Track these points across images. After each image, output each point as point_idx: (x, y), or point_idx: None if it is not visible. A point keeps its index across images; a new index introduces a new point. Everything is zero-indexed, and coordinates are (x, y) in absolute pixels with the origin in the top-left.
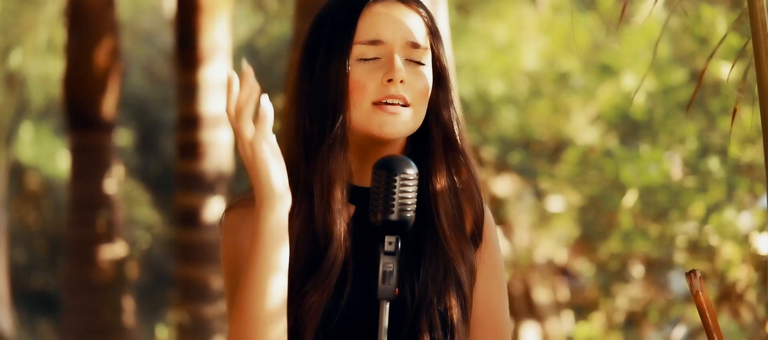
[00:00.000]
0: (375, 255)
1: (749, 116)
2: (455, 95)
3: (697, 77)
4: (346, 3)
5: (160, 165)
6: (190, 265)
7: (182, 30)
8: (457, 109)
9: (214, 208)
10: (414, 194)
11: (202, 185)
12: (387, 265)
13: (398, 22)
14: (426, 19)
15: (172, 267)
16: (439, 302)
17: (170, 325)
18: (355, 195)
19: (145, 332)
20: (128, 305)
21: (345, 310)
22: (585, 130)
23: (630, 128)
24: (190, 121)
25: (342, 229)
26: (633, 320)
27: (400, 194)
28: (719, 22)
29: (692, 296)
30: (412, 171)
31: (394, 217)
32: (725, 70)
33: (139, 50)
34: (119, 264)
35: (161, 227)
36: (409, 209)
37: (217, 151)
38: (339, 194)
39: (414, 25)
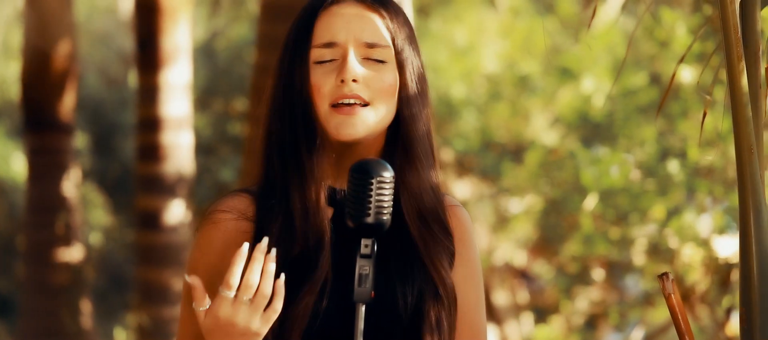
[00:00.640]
0: (352, 259)
1: (709, 120)
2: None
3: (657, 80)
4: (307, 7)
5: (115, 168)
6: (151, 267)
7: (142, 32)
8: (429, 112)
9: (174, 210)
10: (390, 197)
11: (163, 188)
12: (363, 268)
13: (353, 22)
14: (386, 18)
15: (131, 270)
16: (428, 307)
17: (128, 328)
18: (334, 198)
19: (102, 335)
20: (86, 307)
21: (325, 314)
22: (545, 133)
23: (590, 131)
24: (150, 124)
25: (326, 231)
26: (592, 323)
27: (376, 197)
28: (679, 26)
29: (664, 298)
30: (388, 174)
31: (370, 220)
32: (685, 75)
33: (94, 53)
34: (76, 267)
35: (116, 230)
36: (385, 211)
37: (178, 153)
38: (321, 196)
39: (371, 24)
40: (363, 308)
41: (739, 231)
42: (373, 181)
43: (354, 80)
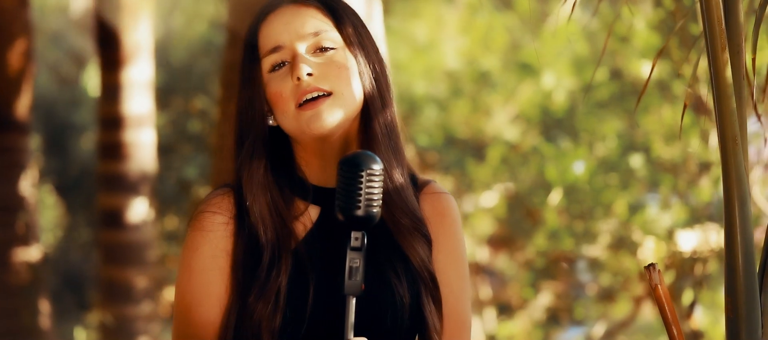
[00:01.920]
0: (341, 255)
1: (670, 114)
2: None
3: (618, 75)
4: (250, 27)
5: (70, 168)
6: (114, 266)
7: (103, 30)
8: (391, 101)
9: (137, 208)
10: (380, 189)
11: (125, 186)
12: (353, 261)
13: (291, 21)
14: (321, 7)
15: (88, 270)
16: (406, 298)
17: (89, 327)
18: (318, 196)
19: (61, 335)
20: (44, 307)
21: (313, 308)
22: (506, 129)
23: (550, 127)
24: (112, 122)
25: (271, 235)
26: (556, 318)
27: (366, 190)
28: (638, 21)
29: (651, 289)
30: (377, 166)
31: (360, 212)
32: (645, 69)
33: (46, 52)
34: (35, 267)
35: (72, 229)
36: (375, 204)
37: (140, 151)
38: (274, 202)
39: (307, 17)
40: (354, 301)
41: (725, 221)
42: (363, 173)
43: (309, 74)
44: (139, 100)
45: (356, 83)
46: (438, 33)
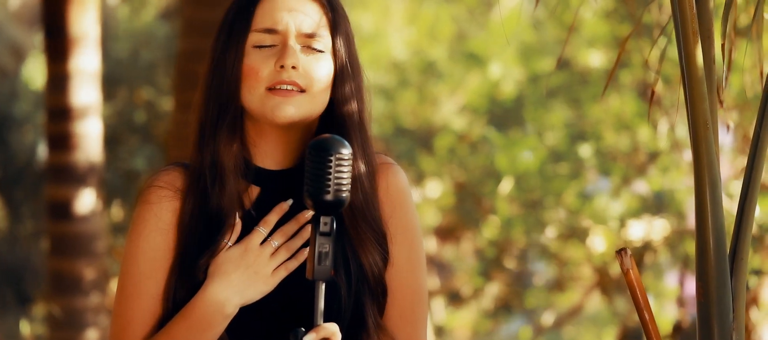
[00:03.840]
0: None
1: (618, 104)
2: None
3: (565, 65)
4: None
5: (13, 161)
6: (62, 257)
7: (49, 20)
8: (364, 98)
9: (85, 199)
10: (349, 174)
11: (73, 177)
12: (322, 246)
13: (294, 10)
14: (326, 9)
15: (30, 263)
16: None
17: (34, 320)
18: (260, 177)
19: (4, 329)
20: None
21: (266, 295)
22: (454, 119)
23: (498, 116)
24: (59, 113)
25: (234, 216)
26: (507, 307)
27: (335, 174)
28: (584, 10)
29: (623, 274)
30: (346, 151)
31: (329, 197)
32: (594, 59)
33: None
34: None
35: (15, 222)
36: (344, 189)
37: (87, 142)
38: (231, 181)
39: (310, 13)
40: (323, 286)
41: (696, 206)
42: (332, 158)
43: (293, 67)
44: (85, 90)
45: (329, 90)
46: (384, 23)
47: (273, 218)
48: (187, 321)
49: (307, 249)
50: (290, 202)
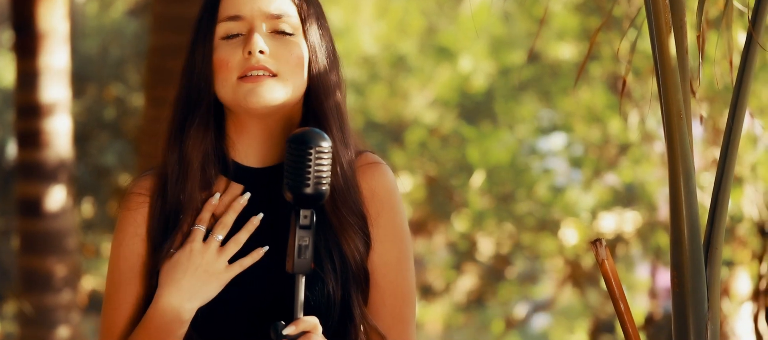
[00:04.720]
0: (271, 232)
1: (589, 96)
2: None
3: (535, 58)
4: None
5: None
6: (33, 254)
7: (18, 17)
8: (341, 84)
9: (56, 196)
10: (328, 167)
11: (44, 174)
12: (303, 239)
13: None
14: None
15: (7, 259)
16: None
17: (4, 318)
18: (243, 175)
19: None
20: None
21: (244, 290)
22: (424, 112)
23: (469, 110)
24: (29, 110)
25: (192, 215)
26: (481, 300)
27: (315, 167)
28: (554, 3)
29: (598, 265)
30: (326, 144)
31: (309, 190)
32: (564, 52)
33: None
34: None
35: None
36: (324, 182)
37: (58, 139)
38: (194, 177)
39: None
40: (303, 279)
41: (670, 196)
42: (312, 151)
43: (261, 52)
44: (55, 87)
45: (303, 74)
46: (354, 18)
47: (208, 210)
48: (147, 330)
49: (263, 248)
50: (248, 195)
